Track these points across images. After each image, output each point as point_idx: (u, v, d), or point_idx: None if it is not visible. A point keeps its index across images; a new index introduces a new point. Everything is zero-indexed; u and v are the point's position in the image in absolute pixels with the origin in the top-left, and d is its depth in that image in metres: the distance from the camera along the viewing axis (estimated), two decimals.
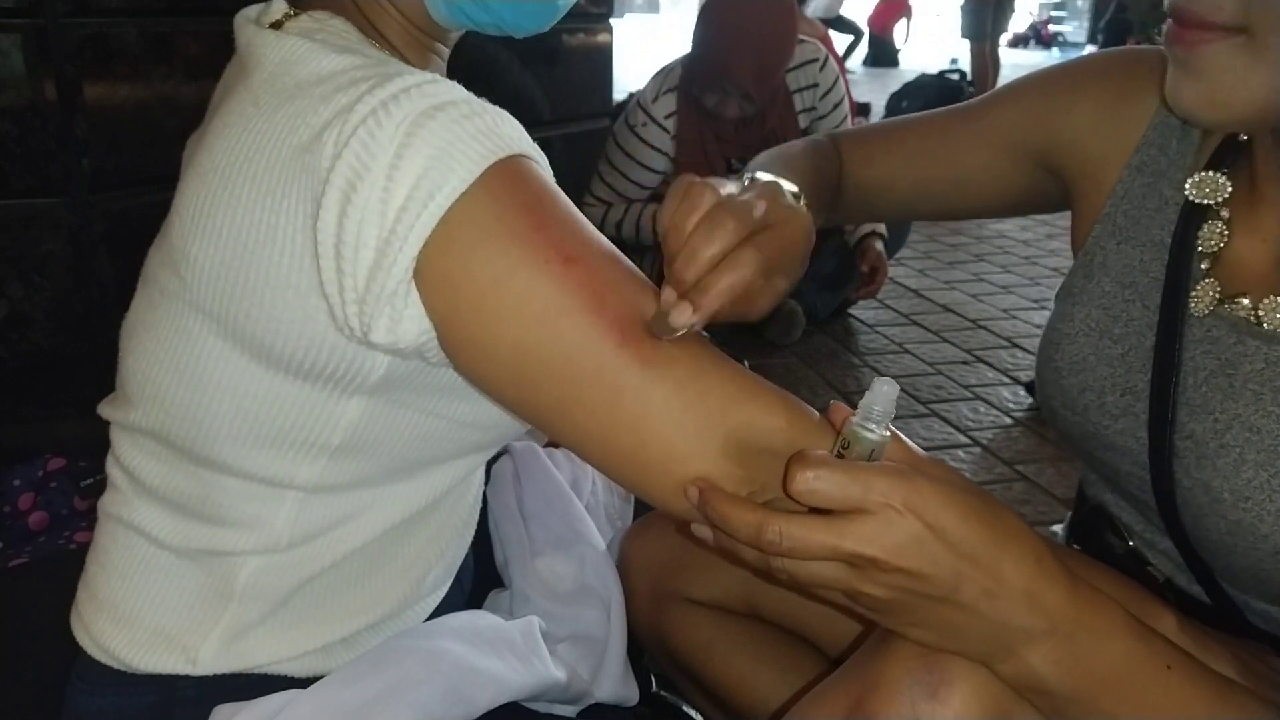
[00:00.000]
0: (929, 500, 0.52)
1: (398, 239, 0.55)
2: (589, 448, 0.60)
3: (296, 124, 0.58)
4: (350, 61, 0.60)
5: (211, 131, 0.63)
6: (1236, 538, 0.71)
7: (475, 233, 0.56)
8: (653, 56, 3.21)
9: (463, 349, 0.59)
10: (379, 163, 0.55)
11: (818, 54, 2.51)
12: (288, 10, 0.67)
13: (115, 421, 0.72)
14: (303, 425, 0.64)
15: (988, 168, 0.91)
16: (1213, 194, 0.74)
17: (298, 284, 0.59)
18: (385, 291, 0.56)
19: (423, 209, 0.55)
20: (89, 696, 0.72)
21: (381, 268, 0.56)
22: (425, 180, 0.55)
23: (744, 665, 0.92)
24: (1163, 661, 0.56)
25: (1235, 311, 0.72)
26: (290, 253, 0.58)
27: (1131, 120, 0.81)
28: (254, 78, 0.62)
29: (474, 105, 0.58)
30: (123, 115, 1.62)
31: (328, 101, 0.57)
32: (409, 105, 0.56)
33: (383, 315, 0.57)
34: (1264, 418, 0.70)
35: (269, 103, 0.60)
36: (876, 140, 0.99)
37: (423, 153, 0.55)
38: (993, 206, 0.96)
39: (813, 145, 0.96)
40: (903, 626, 0.56)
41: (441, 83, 0.59)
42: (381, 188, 0.55)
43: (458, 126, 0.56)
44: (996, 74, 6.61)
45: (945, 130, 0.94)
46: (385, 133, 0.55)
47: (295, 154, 0.57)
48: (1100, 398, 0.80)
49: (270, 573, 0.69)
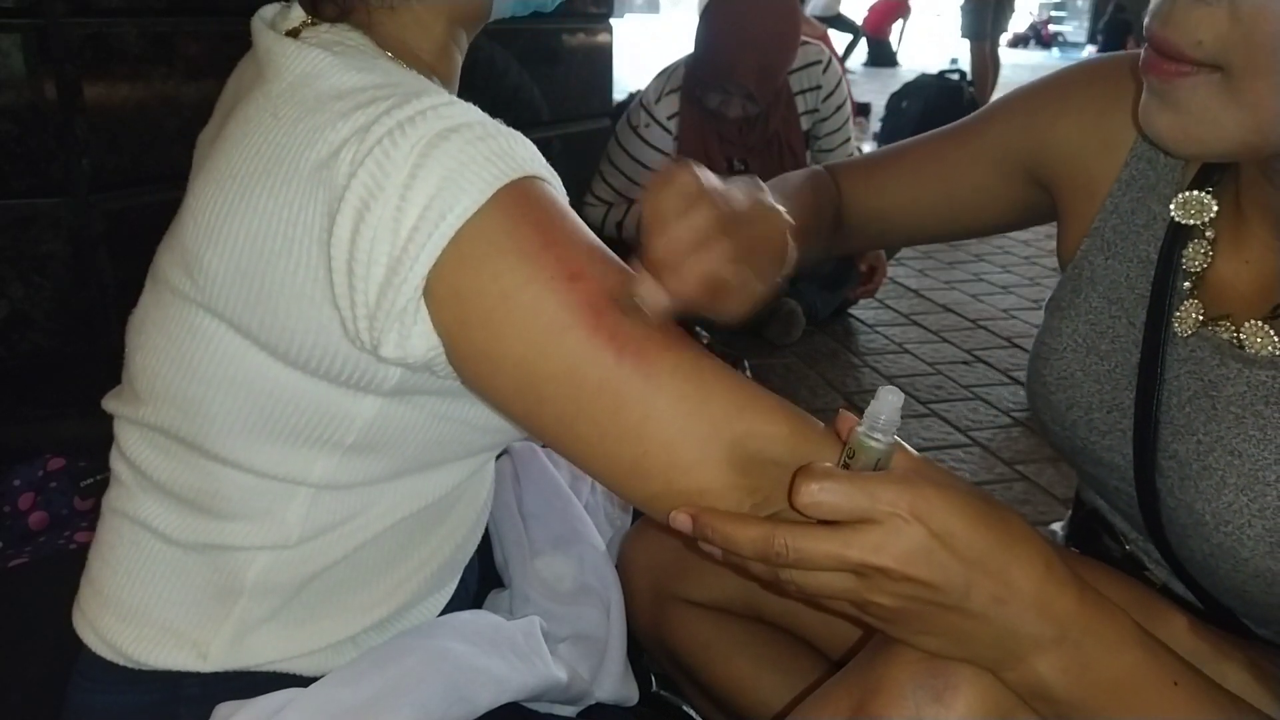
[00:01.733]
0: (936, 507, 0.52)
1: (409, 258, 0.57)
2: (593, 460, 0.61)
3: (315, 139, 0.59)
4: (371, 79, 0.61)
5: (229, 137, 0.63)
6: (1218, 560, 0.70)
7: (484, 251, 0.57)
8: (653, 56, 3.21)
9: (470, 363, 0.60)
10: (393, 182, 0.56)
11: (821, 56, 2.51)
12: (305, 19, 0.67)
13: (122, 416, 0.72)
14: (317, 423, 0.65)
15: (982, 187, 0.91)
16: (1198, 214, 0.73)
17: (312, 295, 0.60)
18: (395, 308, 0.58)
19: (434, 229, 0.56)
20: (92, 694, 0.72)
21: (392, 285, 0.57)
22: (437, 200, 0.56)
23: (744, 666, 0.92)
24: (1170, 676, 0.56)
25: (1218, 333, 0.72)
26: (306, 265, 0.59)
27: (1119, 132, 0.81)
28: (273, 87, 0.62)
29: (488, 127, 0.60)
30: (123, 115, 1.61)
31: (347, 118, 0.58)
32: (425, 127, 0.57)
33: (392, 331, 0.58)
34: (1245, 441, 0.69)
35: (289, 115, 0.60)
36: (872, 169, 0.99)
37: (436, 173, 0.56)
38: (991, 224, 0.96)
39: (811, 176, 0.97)
40: (912, 636, 0.56)
41: (458, 105, 0.60)
42: (395, 207, 0.56)
43: (471, 148, 0.58)
44: (996, 74, 6.61)
45: (937, 154, 0.94)
46: (400, 153, 0.57)
47: (314, 169, 0.58)
48: (1088, 414, 0.80)
49: (280, 568, 0.69)
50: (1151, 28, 0.62)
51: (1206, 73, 0.60)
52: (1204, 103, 0.61)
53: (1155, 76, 0.63)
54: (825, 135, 2.56)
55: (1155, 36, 0.62)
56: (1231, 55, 0.58)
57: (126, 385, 0.72)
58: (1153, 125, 0.64)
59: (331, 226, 0.58)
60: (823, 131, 2.56)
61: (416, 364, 0.61)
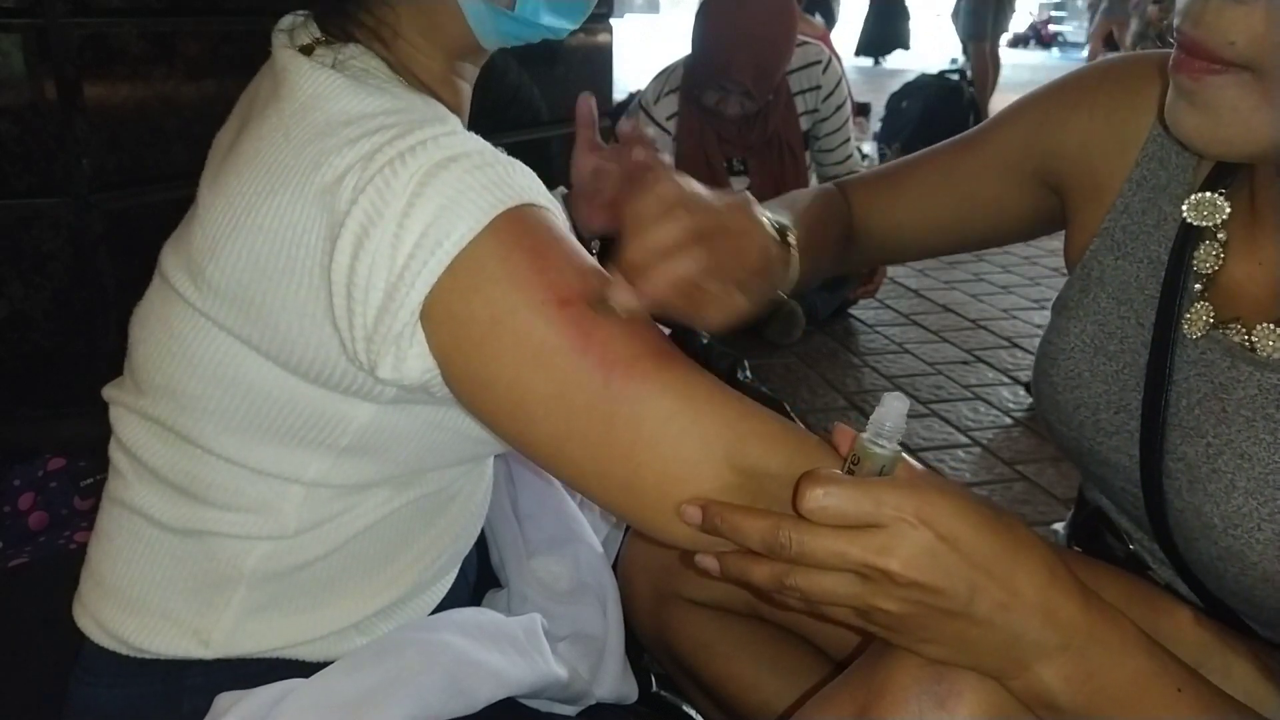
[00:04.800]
0: (942, 512, 0.52)
1: (405, 283, 0.58)
2: (586, 480, 0.62)
3: (321, 163, 0.60)
4: (379, 105, 0.63)
5: (242, 153, 0.65)
6: (1227, 563, 0.70)
7: (478, 276, 0.59)
8: (653, 56, 3.21)
9: (463, 385, 0.62)
10: (392, 210, 0.58)
11: (821, 56, 2.51)
12: (319, 36, 0.68)
13: (122, 405, 0.73)
14: (313, 425, 0.66)
15: (993, 195, 0.91)
16: (1211, 216, 0.73)
17: (314, 314, 0.61)
18: (392, 332, 0.59)
19: (430, 255, 0.58)
20: (95, 689, 0.72)
21: (389, 310, 0.59)
22: (433, 228, 0.58)
23: (745, 666, 0.92)
24: (1174, 682, 0.56)
25: (1229, 336, 0.72)
26: (308, 285, 0.61)
27: (1130, 132, 0.80)
28: (285, 105, 0.64)
29: (486, 156, 0.61)
30: (123, 115, 1.61)
31: (353, 145, 0.60)
32: (424, 156, 0.59)
33: (389, 354, 0.60)
34: (1255, 445, 0.69)
35: (299, 136, 0.62)
36: (882, 184, 0.99)
37: (433, 202, 0.58)
38: (1003, 233, 0.95)
39: (821, 193, 0.97)
40: (916, 643, 0.56)
41: (459, 134, 0.62)
42: (393, 234, 0.58)
43: (469, 177, 0.59)
44: (996, 74, 6.60)
45: (947, 164, 0.94)
46: (400, 181, 0.58)
47: (319, 193, 0.60)
48: (1094, 414, 0.80)
49: (279, 557, 0.69)
50: (1182, 28, 0.62)
51: (1236, 72, 0.59)
52: (1234, 103, 0.60)
53: (1185, 76, 0.62)
54: (825, 135, 2.56)
55: (1186, 37, 0.61)
56: (1265, 56, 0.58)
57: (128, 376, 0.73)
58: (1181, 126, 0.64)
59: (333, 251, 0.59)
60: (823, 131, 2.56)
61: (412, 385, 0.62)
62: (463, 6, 0.68)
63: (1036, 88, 0.89)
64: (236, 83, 0.75)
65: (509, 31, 0.70)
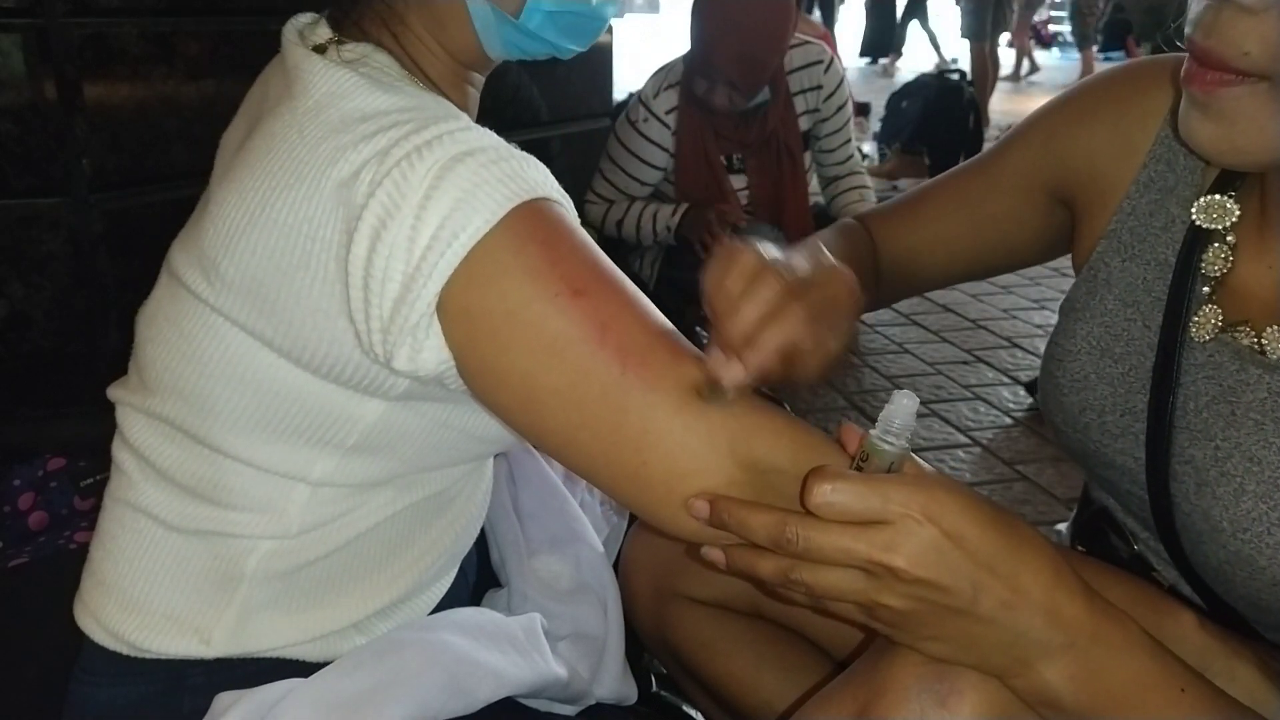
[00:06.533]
0: (948, 509, 0.52)
1: (422, 275, 0.59)
2: (596, 470, 0.62)
3: (338, 158, 0.61)
4: (393, 102, 0.63)
5: (254, 149, 0.65)
6: (1235, 567, 0.70)
7: (494, 269, 0.59)
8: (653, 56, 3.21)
9: (478, 377, 0.62)
10: (409, 203, 0.59)
11: (822, 56, 2.50)
12: (332, 36, 0.69)
13: (129, 404, 0.73)
14: (321, 423, 0.66)
15: (1008, 215, 0.90)
16: (1220, 219, 0.73)
17: (328, 309, 0.62)
18: (408, 324, 0.60)
19: (446, 248, 0.59)
20: (95, 688, 0.72)
21: (406, 301, 0.59)
22: (450, 221, 0.59)
23: (746, 665, 0.92)
24: (1177, 683, 0.56)
25: (1238, 339, 0.71)
26: (323, 279, 0.61)
27: (1137, 135, 0.80)
28: (299, 104, 0.64)
29: (501, 151, 0.62)
30: (123, 115, 1.61)
31: (369, 140, 0.61)
32: (440, 151, 0.60)
33: (404, 345, 0.61)
34: (1265, 448, 0.69)
35: (314, 133, 0.63)
36: (902, 213, 0.98)
37: (450, 195, 0.59)
38: (1022, 254, 0.95)
39: (844, 229, 0.97)
40: (919, 641, 0.56)
41: (474, 129, 0.63)
42: (410, 227, 0.59)
43: (485, 171, 0.60)
44: (996, 74, 6.61)
45: (962, 188, 0.94)
46: (416, 175, 0.59)
47: (335, 188, 0.60)
48: (1100, 417, 0.79)
49: (281, 556, 0.70)
50: (1194, 38, 0.61)
51: (1252, 82, 0.59)
52: (1250, 112, 0.60)
53: (1197, 87, 0.62)
54: (826, 135, 2.55)
55: (1198, 48, 0.61)
56: (1278, 64, 0.57)
57: (134, 375, 0.73)
58: (1195, 137, 0.64)
59: (349, 244, 0.60)
60: (823, 132, 2.55)
61: (427, 377, 0.63)
62: (470, 11, 0.68)
63: (1042, 106, 0.89)
64: (236, 83, 0.75)
65: (513, 42, 0.71)
